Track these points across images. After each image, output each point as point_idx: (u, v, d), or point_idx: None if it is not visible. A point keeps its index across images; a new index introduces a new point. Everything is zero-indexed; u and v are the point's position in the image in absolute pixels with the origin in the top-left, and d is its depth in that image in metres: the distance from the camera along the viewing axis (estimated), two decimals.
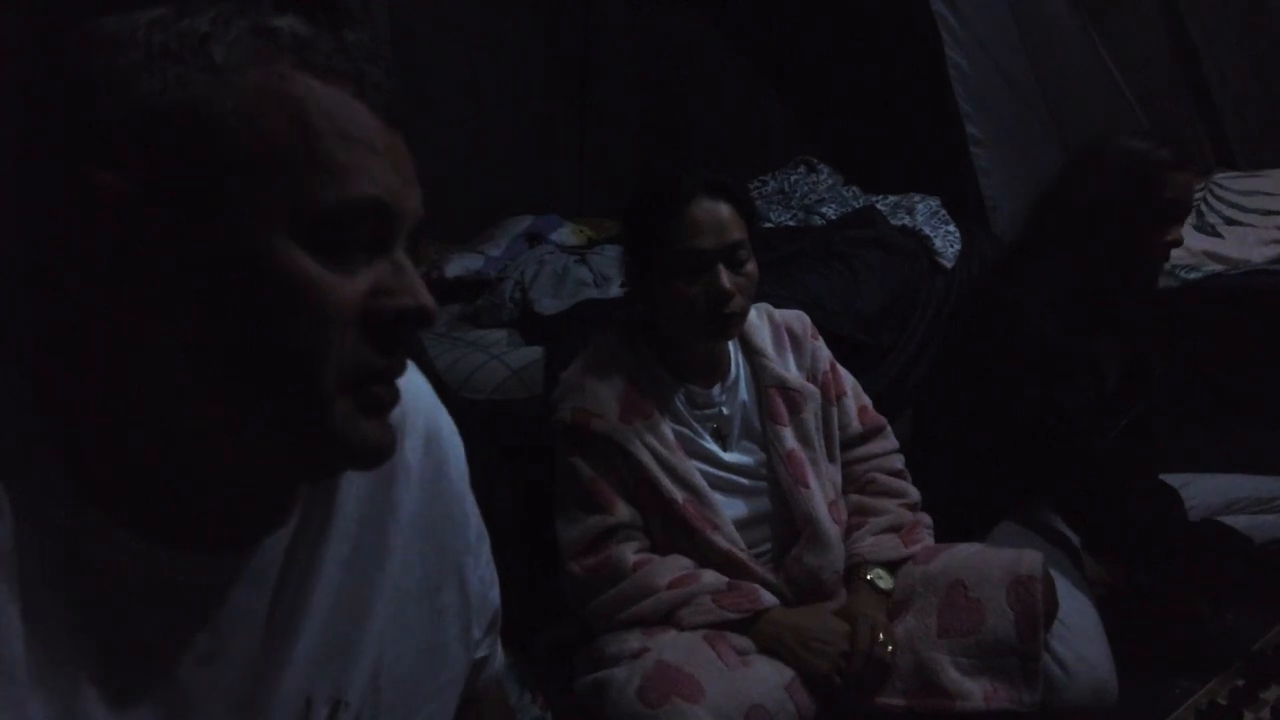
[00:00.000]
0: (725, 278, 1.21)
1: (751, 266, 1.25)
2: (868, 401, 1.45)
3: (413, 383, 0.64)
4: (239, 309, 0.47)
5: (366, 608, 0.60)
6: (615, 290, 2.04)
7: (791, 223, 2.57)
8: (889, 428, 1.46)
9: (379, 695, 0.61)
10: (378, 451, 0.53)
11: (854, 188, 2.73)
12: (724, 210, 1.23)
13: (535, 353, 1.78)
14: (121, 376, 0.49)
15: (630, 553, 1.22)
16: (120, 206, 0.45)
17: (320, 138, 0.47)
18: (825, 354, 1.40)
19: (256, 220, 0.46)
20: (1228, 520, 1.52)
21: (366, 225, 0.49)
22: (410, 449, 0.64)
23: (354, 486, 0.60)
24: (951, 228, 2.31)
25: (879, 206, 2.44)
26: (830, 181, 2.77)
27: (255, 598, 0.55)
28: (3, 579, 0.45)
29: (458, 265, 2.30)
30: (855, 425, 1.41)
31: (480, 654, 0.72)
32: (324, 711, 0.58)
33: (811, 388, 1.35)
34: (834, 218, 2.50)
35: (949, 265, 2.22)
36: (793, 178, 2.85)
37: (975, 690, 1.16)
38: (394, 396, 0.53)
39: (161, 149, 0.46)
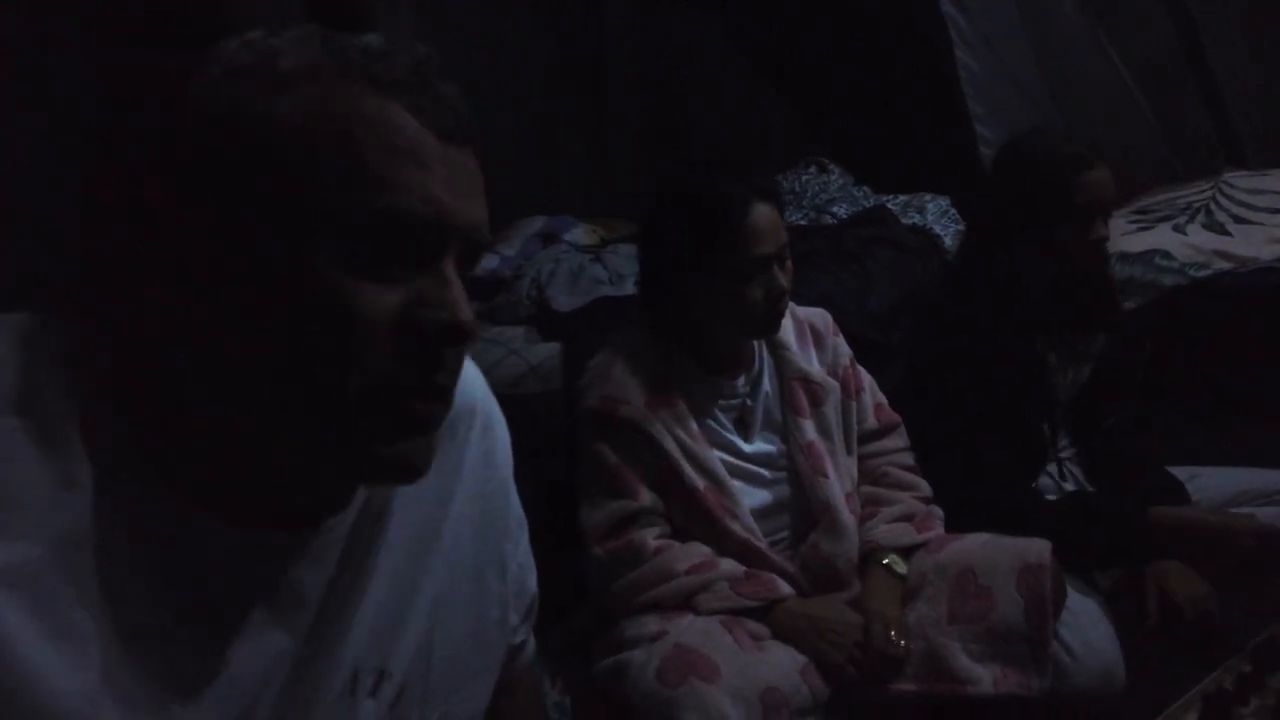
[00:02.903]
0: (782, 277, 1.26)
1: (790, 262, 1.30)
2: (883, 399, 1.49)
3: (469, 373, 0.66)
4: (271, 316, 0.48)
5: (417, 586, 0.62)
6: (630, 288, 2.07)
7: (803, 222, 2.60)
8: (902, 426, 1.49)
9: (429, 672, 0.63)
10: (410, 470, 0.52)
11: (865, 188, 2.76)
12: (775, 214, 1.28)
13: (552, 348, 1.82)
14: (177, 368, 0.51)
15: (651, 537, 1.25)
16: (196, 204, 0.48)
17: (364, 148, 0.48)
18: (846, 350, 1.44)
19: (292, 230, 0.47)
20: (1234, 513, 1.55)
21: (408, 237, 0.49)
22: (466, 437, 0.66)
23: None
24: (961, 227, 2.33)
25: (890, 206, 2.46)
26: (841, 182, 2.80)
27: (315, 574, 0.56)
28: (82, 551, 0.47)
29: None
30: (871, 421, 1.45)
31: (517, 639, 0.74)
32: (369, 683, 0.60)
33: (833, 382, 1.39)
34: (845, 217, 2.53)
35: None
36: (804, 178, 2.87)
37: (985, 675, 1.19)
38: (436, 413, 0.52)
39: (232, 155, 0.48)
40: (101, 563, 0.48)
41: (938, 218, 2.36)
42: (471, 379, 0.68)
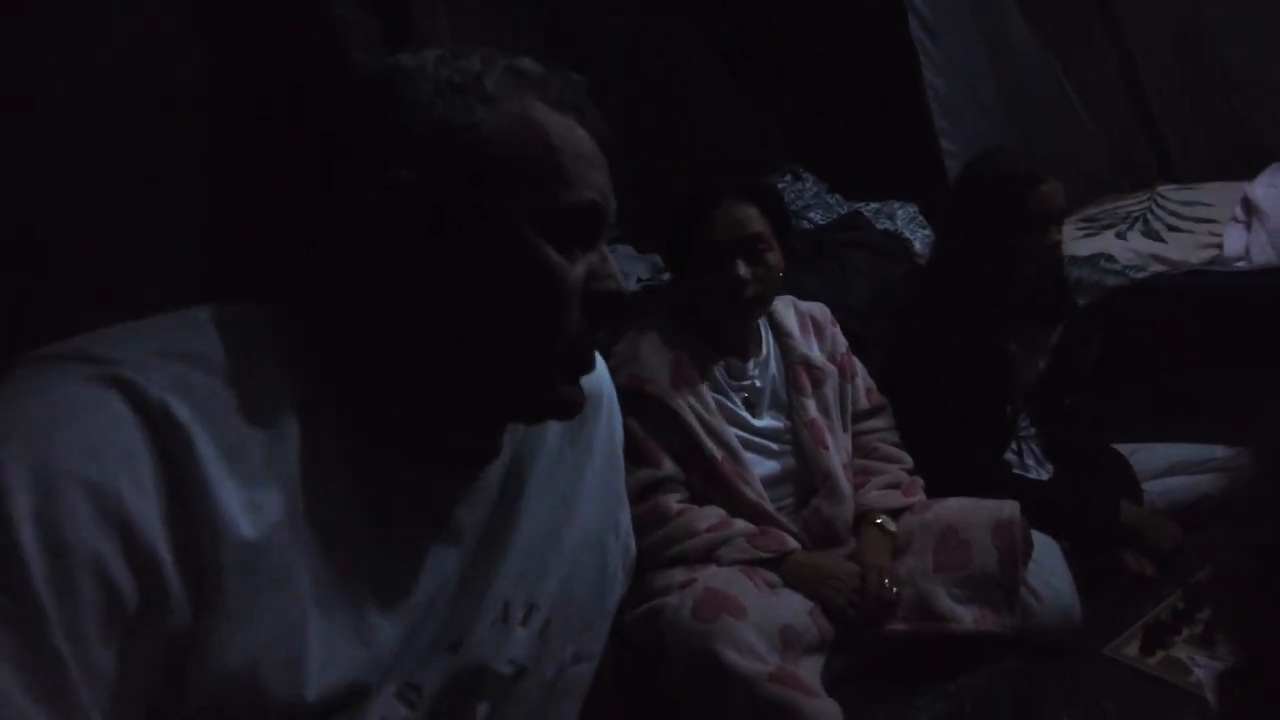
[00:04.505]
0: (741, 268, 1.43)
1: (772, 258, 1.47)
2: (873, 384, 1.69)
3: (600, 362, 0.75)
4: (492, 283, 0.58)
5: (561, 533, 0.72)
6: (632, 285, 2.24)
7: None
8: (889, 407, 1.69)
9: (569, 606, 0.73)
10: (574, 408, 0.64)
11: (837, 195, 2.96)
12: (747, 210, 1.45)
13: None
14: (385, 330, 0.59)
15: (673, 501, 1.42)
16: (413, 196, 0.59)
17: (560, 155, 0.59)
18: (842, 340, 1.64)
19: (511, 214, 0.58)
20: (1169, 481, 1.78)
21: (585, 223, 0.60)
22: (596, 417, 0.76)
23: (555, 436, 0.72)
24: (928, 231, 2.55)
25: (863, 212, 2.68)
26: (815, 189, 3.01)
27: (471, 515, 0.65)
28: (292, 482, 0.55)
29: None
30: (863, 403, 1.64)
31: (622, 591, 0.85)
32: (519, 615, 0.69)
33: (831, 367, 1.58)
34: (820, 222, 2.74)
35: None
36: (779, 185, 3.07)
37: (966, 615, 1.39)
38: (593, 364, 0.63)
39: (451, 157, 0.58)
40: (310, 493, 0.56)
41: (907, 223, 2.58)
42: (602, 368, 0.77)
